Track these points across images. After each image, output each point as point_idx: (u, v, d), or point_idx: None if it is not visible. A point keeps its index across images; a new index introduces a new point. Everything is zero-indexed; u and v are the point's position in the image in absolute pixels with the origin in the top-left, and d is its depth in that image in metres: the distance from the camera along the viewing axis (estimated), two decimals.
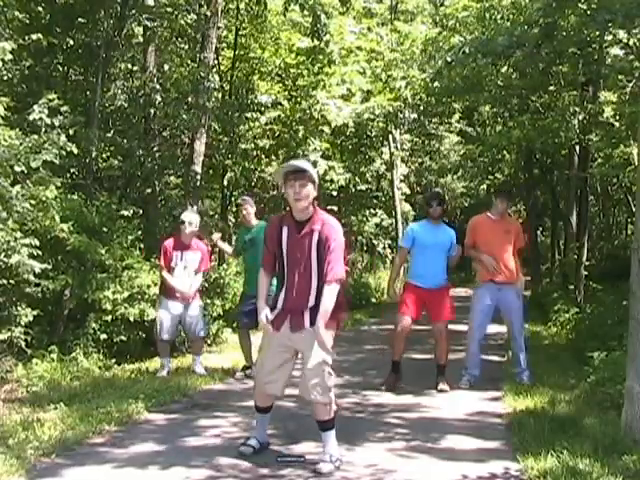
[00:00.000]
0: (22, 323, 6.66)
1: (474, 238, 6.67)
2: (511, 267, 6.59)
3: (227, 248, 7.86)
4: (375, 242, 23.32)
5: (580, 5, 8.26)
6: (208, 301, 9.24)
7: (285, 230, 4.14)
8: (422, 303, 6.44)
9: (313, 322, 4.05)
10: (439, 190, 5.48)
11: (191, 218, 7.16)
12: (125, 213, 8.98)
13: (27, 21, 8.04)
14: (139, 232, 8.92)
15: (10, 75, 8.15)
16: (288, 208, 4.25)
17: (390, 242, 23.35)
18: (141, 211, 10.27)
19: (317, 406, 4.12)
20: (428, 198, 6.81)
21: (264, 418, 4.44)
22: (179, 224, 7.19)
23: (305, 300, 4.11)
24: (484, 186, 30.10)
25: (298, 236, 4.09)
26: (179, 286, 7.00)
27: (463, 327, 7.23)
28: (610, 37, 9.23)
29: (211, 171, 13.68)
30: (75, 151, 7.15)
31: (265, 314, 4.15)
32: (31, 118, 7.08)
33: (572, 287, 14.79)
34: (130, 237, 8.65)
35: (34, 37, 8.10)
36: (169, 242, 7.17)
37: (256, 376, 4.37)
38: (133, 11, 9.89)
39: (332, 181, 15.01)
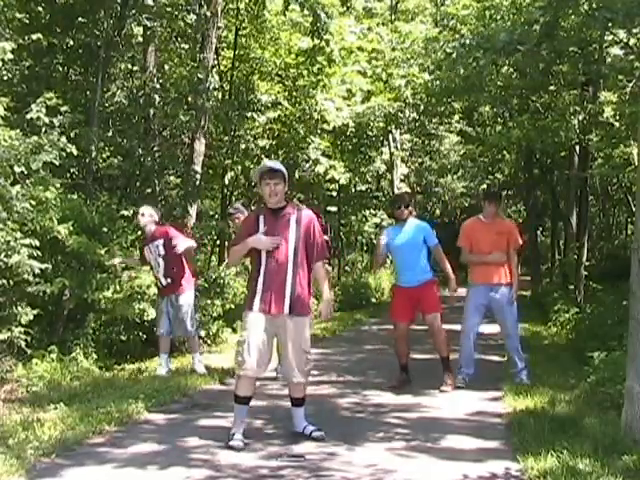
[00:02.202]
0: (22, 322, 6.65)
1: (469, 241, 6.73)
2: (504, 268, 6.64)
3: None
4: (375, 242, 23.28)
5: (580, 5, 8.26)
6: (208, 301, 9.24)
7: (262, 218, 4.61)
8: (413, 302, 6.49)
9: (292, 310, 4.48)
10: (403, 192, 5.75)
11: (143, 210, 7.25)
12: (125, 213, 8.98)
13: (27, 21, 8.04)
14: (139, 232, 8.90)
15: (10, 75, 8.15)
16: (262, 204, 4.78)
17: None
18: None
19: (296, 386, 4.68)
20: (393, 201, 7.11)
21: (243, 410, 4.60)
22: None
23: (283, 278, 4.48)
24: (484, 186, 30.10)
25: (274, 219, 4.57)
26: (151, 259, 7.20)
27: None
28: (610, 37, 9.24)
29: (211, 171, 13.67)
30: (75, 152, 7.14)
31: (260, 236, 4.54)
32: (29, 117, 7.08)
33: (572, 287, 14.78)
34: (130, 237, 8.64)
35: (34, 37, 8.11)
36: (144, 241, 7.35)
37: (240, 363, 4.48)
38: (133, 11, 9.89)
39: (333, 180, 15.00)
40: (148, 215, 7.16)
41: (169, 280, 7.08)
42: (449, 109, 18.02)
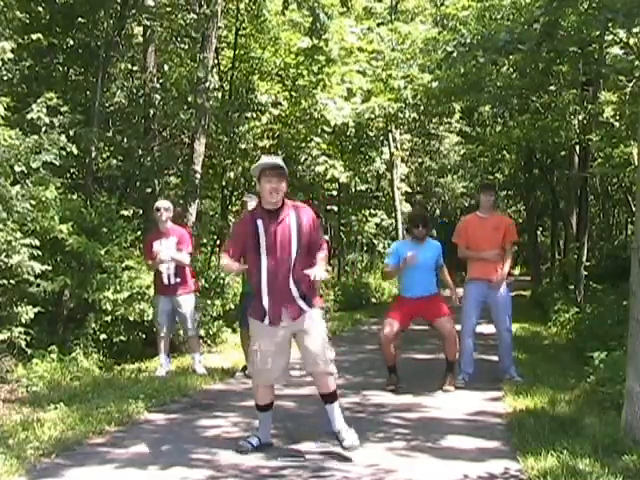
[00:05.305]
0: (23, 321, 6.66)
1: (465, 238, 6.79)
2: (500, 264, 6.69)
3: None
4: (375, 242, 23.33)
5: (580, 4, 8.26)
6: (208, 301, 9.24)
7: (260, 222, 4.26)
8: (413, 313, 6.45)
9: (304, 311, 4.28)
10: (422, 212, 5.23)
11: (165, 204, 7.24)
12: (125, 213, 8.99)
13: (27, 21, 8.03)
14: (139, 232, 8.91)
15: (10, 75, 8.15)
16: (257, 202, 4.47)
17: (390, 242, 23.38)
18: (141, 211, 10.26)
19: (322, 377, 4.33)
20: (412, 219, 6.72)
21: (267, 416, 4.49)
22: (155, 213, 7.24)
23: (287, 283, 4.24)
24: None
25: (273, 223, 4.24)
26: (162, 251, 7.02)
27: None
28: (610, 37, 9.24)
29: (211, 171, 13.67)
30: (75, 151, 7.15)
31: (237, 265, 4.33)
32: (29, 117, 7.08)
33: (572, 287, 14.79)
34: (130, 237, 8.65)
35: (34, 37, 8.11)
36: (151, 236, 7.31)
37: (256, 373, 4.37)
38: (133, 11, 9.89)
39: (333, 179, 15.01)
40: (170, 210, 7.23)
41: (178, 279, 7.08)
42: (449, 109, 18.01)
